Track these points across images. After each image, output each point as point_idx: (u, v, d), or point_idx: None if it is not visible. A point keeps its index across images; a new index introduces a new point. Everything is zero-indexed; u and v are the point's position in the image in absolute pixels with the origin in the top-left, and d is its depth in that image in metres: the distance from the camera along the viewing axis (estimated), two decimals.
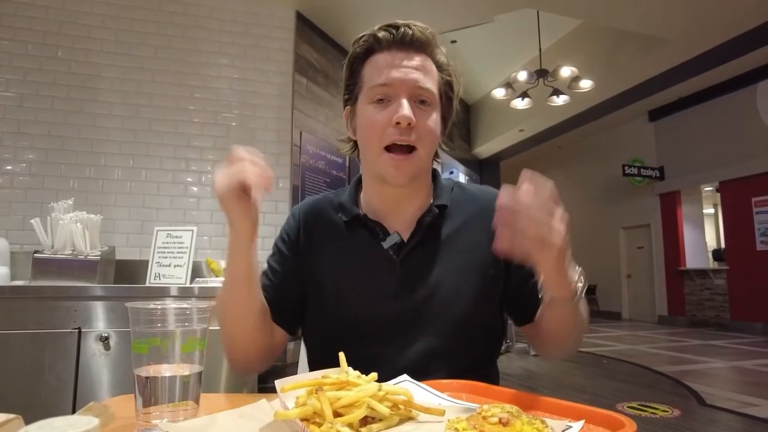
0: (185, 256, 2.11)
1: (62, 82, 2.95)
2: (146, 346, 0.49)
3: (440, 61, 0.88)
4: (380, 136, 0.82)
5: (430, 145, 0.85)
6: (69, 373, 1.69)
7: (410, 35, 0.84)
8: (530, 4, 4.48)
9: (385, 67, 0.83)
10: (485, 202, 0.94)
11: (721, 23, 4.98)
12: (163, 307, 0.51)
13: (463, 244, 0.90)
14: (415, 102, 0.83)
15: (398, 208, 0.91)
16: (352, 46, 0.90)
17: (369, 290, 0.87)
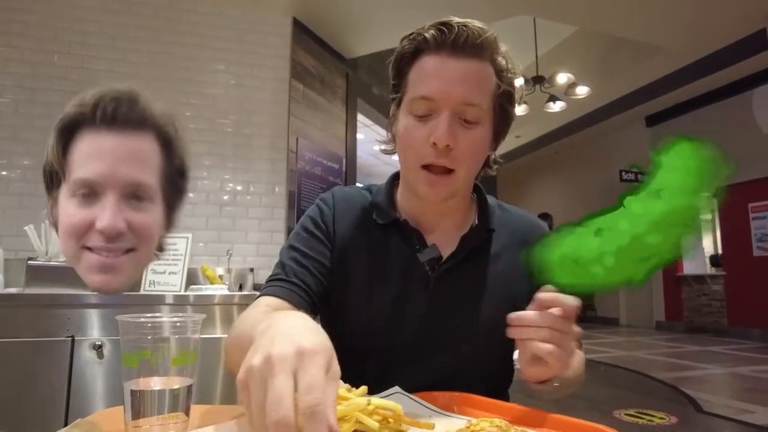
0: (180, 263, 2.09)
1: (58, 88, 2.94)
2: (136, 359, 0.48)
3: (500, 67, 0.78)
4: (416, 154, 0.76)
5: (470, 166, 0.78)
6: (61, 382, 1.67)
7: (463, 38, 0.74)
8: (526, 12, 4.51)
9: (430, 75, 0.74)
10: (526, 231, 0.90)
11: (714, 31, 5.03)
12: (153, 320, 0.50)
13: (500, 273, 0.85)
14: (459, 118, 0.74)
15: (435, 219, 0.86)
16: (400, 42, 0.80)
17: (396, 304, 0.81)
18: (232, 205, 3.21)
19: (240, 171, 3.27)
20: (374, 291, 0.82)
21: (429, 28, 0.76)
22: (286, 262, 0.82)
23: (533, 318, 0.61)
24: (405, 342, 0.80)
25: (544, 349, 0.60)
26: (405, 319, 0.81)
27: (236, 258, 3.03)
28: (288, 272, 0.80)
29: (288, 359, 0.37)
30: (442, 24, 0.75)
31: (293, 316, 0.46)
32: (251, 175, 3.29)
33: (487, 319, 0.81)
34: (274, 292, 0.78)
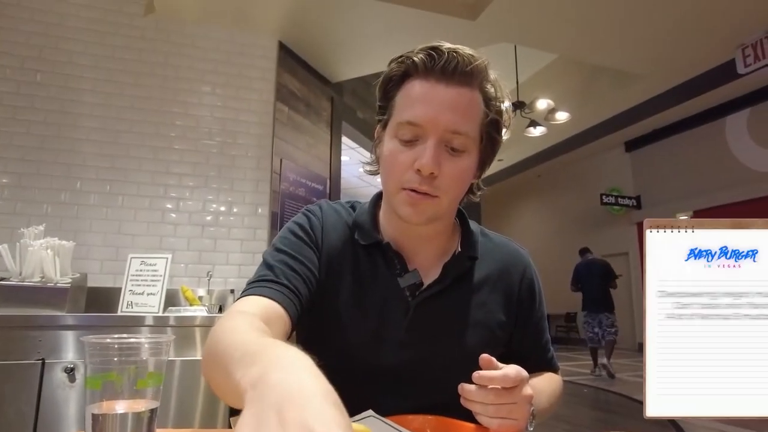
0: (159, 284, 2.07)
1: (40, 107, 2.93)
2: (100, 382, 0.48)
3: (489, 95, 0.77)
4: (399, 178, 0.74)
5: (454, 194, 0.77)
6: (30, 406, 1.62)
7: (453, 65, 0.72)
8: (508, 39, 4.63)
9: (418, 101, 0.73)
10: (509, 258, 0.90)
11: (688, 61, 5.22)
12: (120, 341, 0.50)
13: (482, 301, 0.84)
14: (446, 146, 0.73)
15: (417, 244, 0.84)
16: (388, 64, 0.79)
17: (375, 328, 0.79)
18: (215, 225, 3.19)
19: (223, 192, 3.26)
20: (354, 312, 0.80)
21: (419, 52, 0.74)
22: (273, 264, 0.76)
23: (478, 395, 0.63)
24: (383, 367, 0.78)
25: (490, 423, 0.63)
26: (383, 345, 0.79)
27: (217, 279, 3.00)
28: (278, 274, 0.74)
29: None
30: (432, 48, 0.74)
31: (292, 365, 0.39)
32: (234, 195, 3.28)
33: (466, 348, 0.80)
34: (261, 293, 0.71)
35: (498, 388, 0.63)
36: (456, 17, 3.75)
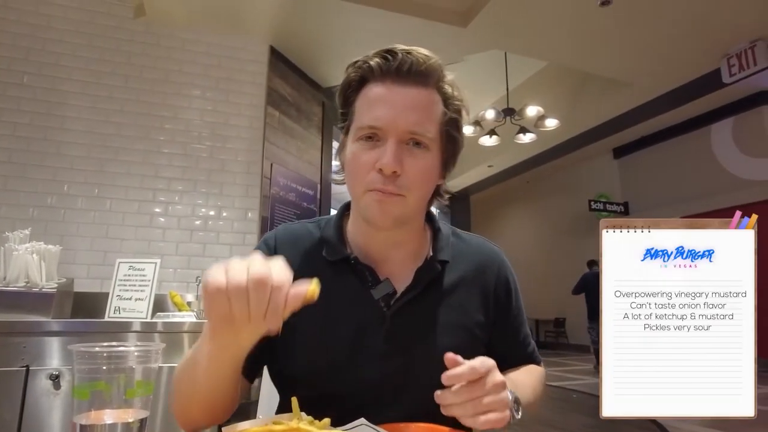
0: (147, 289, 2.04)
1: (26, 109, 2.88)
2: (88, 391, 0.46)
3: (446, 95, 0.78)
4: (363, 180, 0.74)
5: (419, 193, 0.76)
6: (13, 414, 1.58)
7: (408, 65, 0.73)
8: (498, 46, 4.67)
9: (376, 103, 0.73)
10: (483, 257, 0.89)
11: (676, 69, 5.30)
12: (109, 350, 0.48)
13: (458, 303, 0.83)
14: (407, 143, 0.73)
15: (389, 251, 0.82)
16: (345, 70, 0.79)
17: (352, 345, 0.77)
18: (203, 230, 3.17)
19: (213, 196, 3.23)
20: (328, 333, 0.78)
21: (374, 56, 0.75)
22: None
23: (452, 397, 0.61)
24: (365, 381, 0.77)
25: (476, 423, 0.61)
26: (363, 360, 0.77)
27: None
28: None
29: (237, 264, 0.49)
30: (387, 51, 0.74)
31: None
32: (224, 200, 3.26)
33: (444, 352, 0.79)
34: None
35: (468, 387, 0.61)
36: (447, 24, 3.77)
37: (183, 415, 0.70)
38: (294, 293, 0.50)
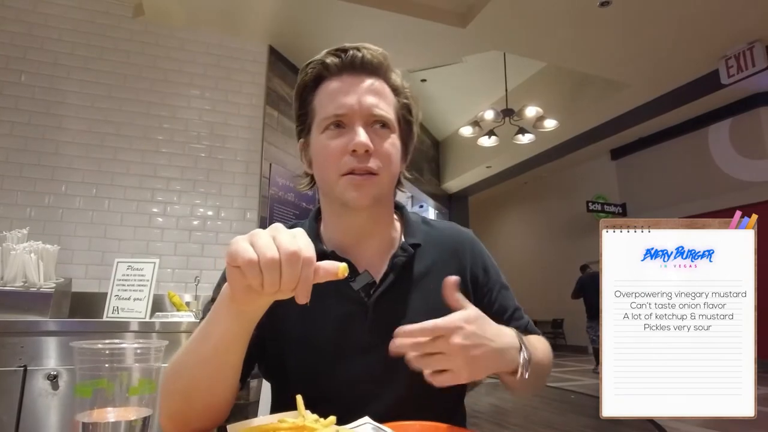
0: (146, 289, 2.03)
1: (24, 108, 2.87)
2: (90, 389, 0.46)
3: (396, 84, 0.83)
4: (337, 165, 0.77)
5: (390, 170, 0.80)
6: (10, 415, 1.58)
7: (360, 58, 0.79)
8: (497, 47, 4.67)
9: (337, 95, 0.78)
10: (454, 240, 0.91)
11: (674, 70, 5.31)
12: (111, 347, 0.48)
13: (435, 285, 0.82)
14: (372, 127, 0.78)
15: (362, 242, 0.84)
16: (299, 74, 0.84)
17: (337, 342, 0.79)
18: (202, 230, 3.16)
19: (211, 196, 3.22)
20: (313, 328, 0.79)
21: (327, 55, 0.80)
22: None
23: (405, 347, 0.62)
24: (354, 374, 0.78)
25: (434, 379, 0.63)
26: (349, 351, 0.79)
27: (204, 285, 2.96)
28: None
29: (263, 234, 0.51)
30: (338, 50, 0.80)
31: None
32: (222, 200, 3.25)
33: None
34: None
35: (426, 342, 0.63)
36: (446, 25, 3.77)
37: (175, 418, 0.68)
38: (326, 270, 0.53)
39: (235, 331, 0.60)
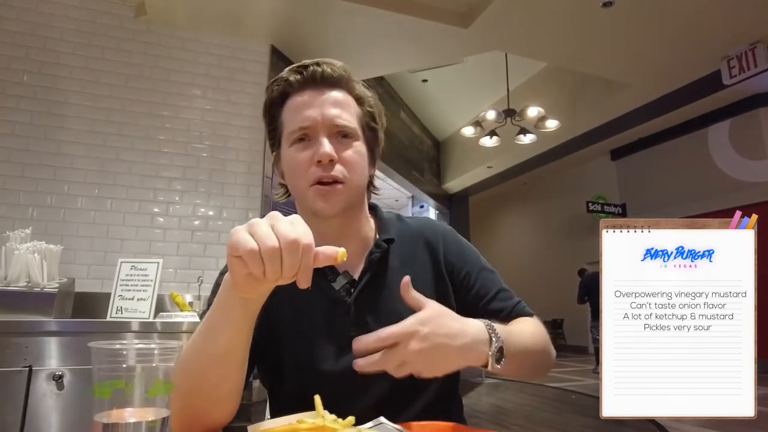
0: (149, 289, 2.03)
1: (26, 108, 2.87)
2: (109, 390, 0.46)
3: (358, 95, 0.88)
4: (305, 176, 0.81)
5: (357, 176, 0.84)
6: (15, 416, 1.57)
7: (320, 73, 0.83)
8: (499, 47, 4.67)
9: (301, 109, 0.82)
10: (427, 232, 0.95)
11: (675, 71, 5.32)
12: (129, 347, 0.48)
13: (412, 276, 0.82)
14: (336, 137, 0.82)
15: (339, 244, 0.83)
16: (266, 91, 0.89)
17: (324, 341, 0.82)
18: (204, 230, 3.15)
19: (213, 196, 3.22)
20: (301, 330, 0.83)
21: (289, 73, 0.85)
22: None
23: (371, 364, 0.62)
24: (343, 372, 0.79)
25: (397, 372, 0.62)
26: (337, 350, 0.81)
27: (207, 285, 2.96)
28: None
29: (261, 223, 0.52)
30: (299, 66, 0.85)
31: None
32: (224, 200, 3.25)
33: None
34: None
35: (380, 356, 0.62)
36: (448, 25, 3.77)
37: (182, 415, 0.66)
38: (325, 255, 0.54)
39: (239, 319, 0.61)
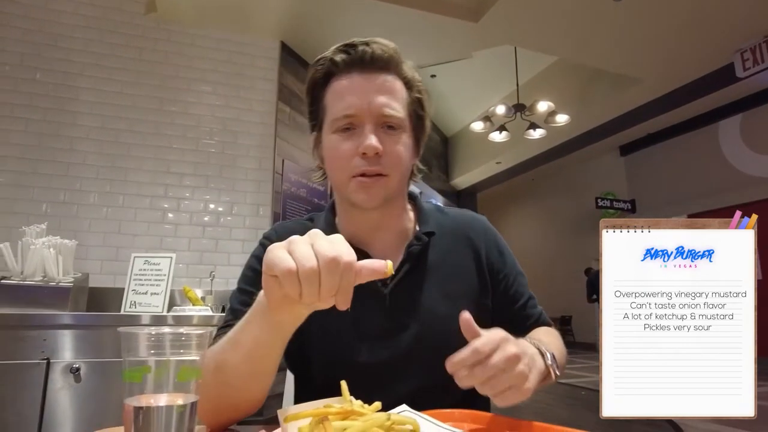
0: (162, 283, 2.05)
1: (39, 105, 2.90)
2: (140, 375, 0.46)
3: (408, 78, 0.82)
4: (347, 167, 0.77)
5: (400, 170, 0.80)
6: (34, 408, 1.59)
7: (370, 54, 0.77)
8: (509, 42, 4.64)
9: (346, 94, 0.77)
10: (468, 226, 0.92)
11: (687, 65, 5.26)
12: (158, 333, 0.48)
13: (452, 272, 0.86)
14: (382, 127, 0.77)
15: (377, 234, 0.85)
16: (308, 70, 0.84)
17: (356, 328, 0.80)
18: (215, 226, 3.17)
19: (224, 192, 3.23)
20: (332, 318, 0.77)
21: (336, 52, 0.80)
22: (236, 307, 0.80)
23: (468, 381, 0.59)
24: (373, 361, 0.79)
25: (495, 401, 0.61)
26: (368, 340, 0.80)
27: (219, 280, 2.97)
28: (239, 317, 0.75)
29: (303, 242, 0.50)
30: (347, 45, 0.79)
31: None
32: (235, 196, 3.26)
33: (447, 320, 0.79)
34: None
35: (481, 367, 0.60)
36: (458, 19, 3.75)
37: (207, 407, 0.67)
38: (370, 270, 0.51)
39: (271, 341, 0.59)
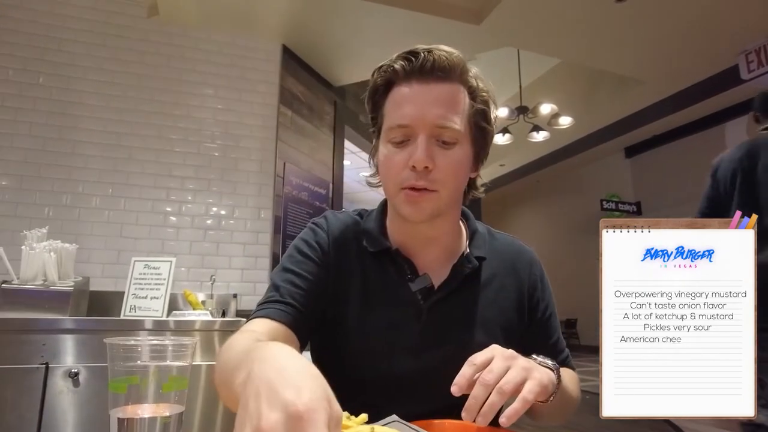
0: (162, 287, 2.04)
1: (42, 109, 2.91)
2: (125, 385, 0.46)
3: (472, 87, 0.79)
4: (396, 179, 0.76)
5: (452, 187, 0.78)
6: (33, 412, 1.59)
7: (431, 63, 0.75)
8: (512, 44, 4.63)
9: (403, 104, 0.76)
10: (515, 254, 0.91)
11: (691, 66, 5.24)
12: (144, 343, 0.47)
13: (493, 300, 0.85)
14: (437, 139, 0.75)
15: (425, 247, 0.84)
16: (371, 75, 0.82)
17: (389, 334, 0.79)
18: (216, 229, 3.17)
19: (225, 195, 3.24)
20: (368, 319, 0.80)
21: (397, 59, 0.78)
22: (280, 284, 0.79)
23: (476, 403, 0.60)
24: (399, 372, 0.79)
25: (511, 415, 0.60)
26: (398, 349, 0.80)
27: (219, 284, 2.97)
28: (283, 294, 0.77)
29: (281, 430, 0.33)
30: (409, 53, 0.77)
31: (273, 356, 0.40)
32: (237, 199, 3.26)
33: (479, 347, 0.78)
34: (267, 314, 0.74)
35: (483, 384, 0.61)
36: (460, 21, 3.74)
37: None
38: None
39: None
